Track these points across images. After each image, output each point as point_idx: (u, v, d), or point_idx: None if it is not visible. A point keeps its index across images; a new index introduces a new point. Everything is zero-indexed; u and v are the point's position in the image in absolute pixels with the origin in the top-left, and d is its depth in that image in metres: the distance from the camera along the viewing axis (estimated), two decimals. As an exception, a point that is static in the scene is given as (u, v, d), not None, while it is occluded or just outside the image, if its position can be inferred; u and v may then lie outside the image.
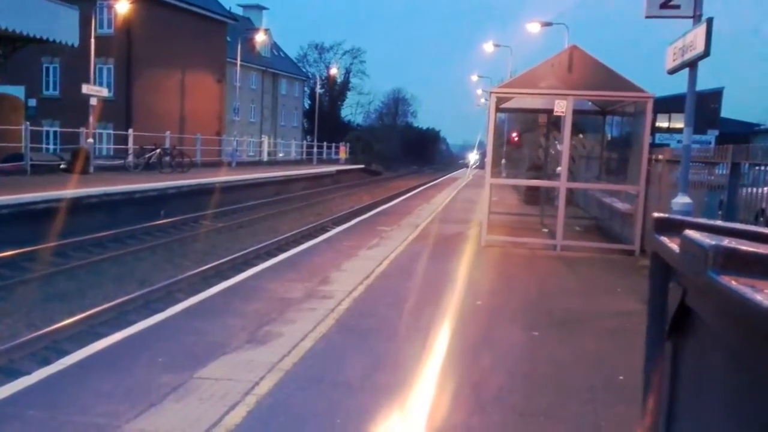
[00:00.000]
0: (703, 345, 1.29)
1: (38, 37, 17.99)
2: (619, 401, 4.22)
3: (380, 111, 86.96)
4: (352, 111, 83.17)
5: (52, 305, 8.89)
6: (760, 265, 1.06)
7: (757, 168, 6.99)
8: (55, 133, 28.39)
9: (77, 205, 14.66)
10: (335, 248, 10.40)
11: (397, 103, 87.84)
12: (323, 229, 15.45)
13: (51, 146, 28.40)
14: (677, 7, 7.56)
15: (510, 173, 22.65)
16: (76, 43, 19.77)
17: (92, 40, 23.49)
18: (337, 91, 76.91)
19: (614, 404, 4.21)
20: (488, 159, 11.55)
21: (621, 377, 4.66)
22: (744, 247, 1.14)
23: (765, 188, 6.80)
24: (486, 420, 3.98)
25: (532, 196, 16.68)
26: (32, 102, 32.56)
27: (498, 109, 11.86)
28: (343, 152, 53.95)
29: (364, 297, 7.01)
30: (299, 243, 12.31)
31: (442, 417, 3.96)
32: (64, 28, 18.84)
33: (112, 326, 7.37)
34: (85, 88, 23.01)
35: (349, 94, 79.91)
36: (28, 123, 21.38)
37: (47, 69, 33.27)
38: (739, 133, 39.59)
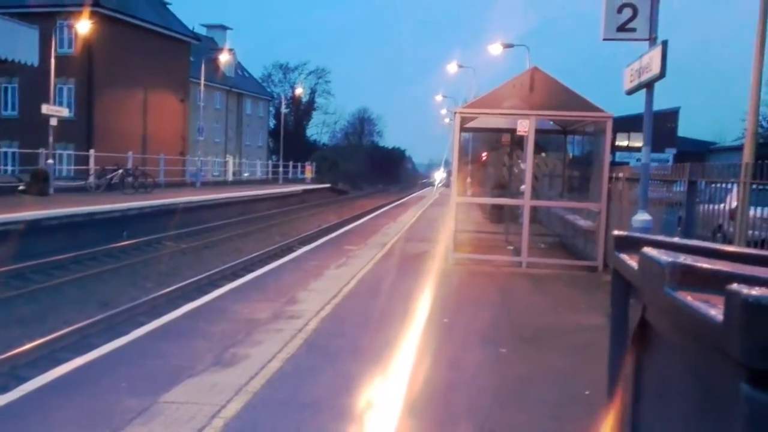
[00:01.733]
0: (664, 358, 1.34)
1: (-4, 56, 17.66)
2: (585, 415, 4.27)
3: (346, 130, 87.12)
4: (317, 130, 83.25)
5: (11, 330, 8.65)
6: (714, 281, 1.11)
7: (713, 185, 7.20)
8: (13, 154, 27.80)
9: (36, 227, 14.34)
10: (302, 268, 10.35)
11: (362, 123, 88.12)
12: (290, 249, 15.37)
13: (9, 167, 27.77)
14: (633, 30, 7.79)
15: (475, 192, 22.86)
16: (36, 63, 19.45)
17: (52, 60, 23.15)
18: (302, 110, 76.87)
19: (581, 418, 4.26)
20: (453, 178, 11.65)
21: (587, 392, 4.72)
22: (699, 264, 1.19)
23: (721, 205, 7.01)
24: (455, 438, 3.99)
25: (497, 214, 16.86)
26: (-10, 122, 31.91)
27: (462, 129, 12.02)
28: (309, 172, 53.82)
29: (332, 317, 6.98)
30: (265, 263, 12.22)
31: (411, 436, 3.96)
32: (24, 47, 18.54)
33: (73, 351, 7.20)
34: (45, 108, 22.63)
35: (314, 113, 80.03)
36: (-15, 144, 20.90)
37: (5, 89, 32.64)
38: (695, 152, 40.65)
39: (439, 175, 59.00)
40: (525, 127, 10.41)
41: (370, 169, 74.30)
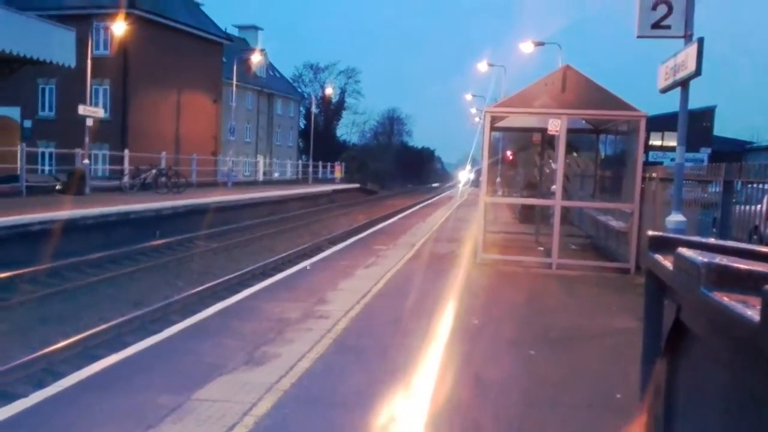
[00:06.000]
0: (698, 360, 1.32)
1: (35, 58, 18.08)
2: (617, 419, 4.22)
3: (375, 130, 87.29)
4: (347, 130, 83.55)
5: (48, 327, 8.84)
6: (751, 282, 1.09)
7: (749, 186, 7.05)
8: (50, 154, 28.39)
9: (73, 226, 14.64)
10: (332, 268, 10.40)
11: (392, 123, 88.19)
12: (319, 249, 15.45)
13: (47, 167, 28.38)
14: (668, 27, 7.66)
15: (505, 192, 22.73)
16: (73, 64, 19.88)
17: (88, 61, 23.60)
18: (332, 110, 77.23)
19: (612, 421, 4.20)
20: (483, 178, 11.59)
21: (618, 395, 4.66)
22: (735, 264, 1.17)
23: (758, 206, 6.86)
24: (484, 439, 3.97)
25: (527, 214, 16.73)
26: (28, 123, 32.63)
27: (492, 128, 11.95)
28: (338, 171, 54.06)
29: (361, 317, 7.01)
30: (295, 263, 12.30)
31: (440, 436, 3.95)
32: (61, 49, 18.95)
33: (108, 348, 7.34)
34: (81, 109, 23.08)
35: (344, 113, 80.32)
36: (23, 144, 21.40)
37: (43, 90, 33.36)
38: (731, 151, 39.84)
39: (464, 175, 57.99)
40: (556, 126, 10.32)
41: (399, 169, 74.35)
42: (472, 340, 6.19)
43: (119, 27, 27.48)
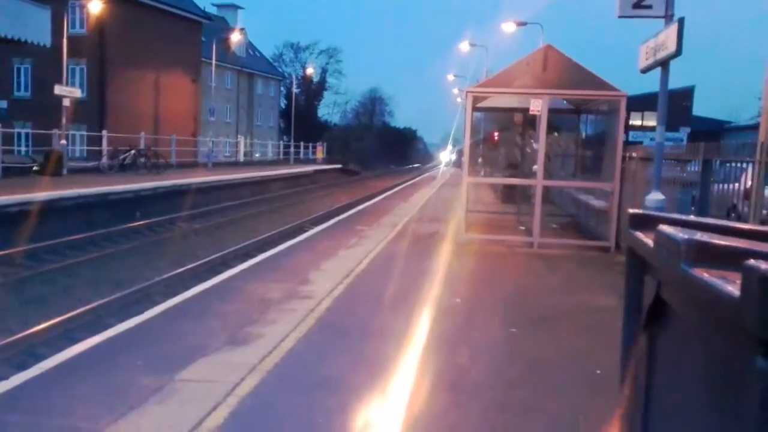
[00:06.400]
0: (678, 335, 1.34)
1: (9, 37, 17.69)
2: (597, 395, 4.29)
3: (357, 110, 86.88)
4: (328, 111, 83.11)
5: (27, 309, 8.77)
6: (730, 258, 1.10)
7: (727, 165, 7.14)
8: (27, 135, 27.93)
9: (51, 207, 14.47)
10: (314, 248, 10.39)
11: (373, 103, 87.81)
12: (302, 230, 15.42)
13: (23, 148, 27.94)
14: (649, 7, 7.69)
15: (487, 172, 22.79)
16: (48, 44, 19.49)
17: (64, 40, 23.19)
18: (313, 90, 76.69)
19: (593, 398, 4.27)
20: (465, 158, 11.61)
21: (599, 371, 4.73)
22: (715, 241, 1.18)
23: (736, 184, 6.95)
24: (464, 414, 4.02)
25: (509, 194, 16.81)
26: (3, 104, 31.99)
27: (474, 108, 11.95)
28: (320, 152, 53.84)
29: (345, 296, 7.02)
30: (278, 244, 12.26)
31: (420, 413, 3.99)
32: (36, 28, 18.56)
33: (89, 330, 7.28)
34: (58, 89, 22.70)
35: (325, 93, 79.83)
36: (-1, 125, 21.03)
37: (18, 70, 32.72)
38: (710, 131, 40.20)
39: (445, 156, 57.65)
40: (538, 106, 10.34)
41: (382, 149, 74.12)
42: (455, 319, 6.23)
43: (95, 5, 26.96)
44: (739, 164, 6.94)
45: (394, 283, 7.68)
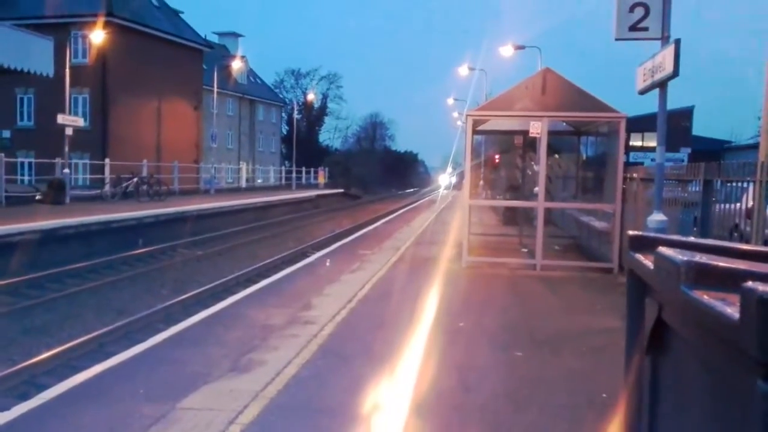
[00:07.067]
0: (680, 358, 1.33)
1: (12, 68, 17.85)
2: (602, 419, 4.24)
3: (358, 135, 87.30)
4: (330, 136, 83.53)
5: (29, 338, 8.74)
6: (730, 279, 1.10)
7: (729, 184, 7.14)
8: (30, 164, 28.06)
9: (53, 236, 14.49)
10: (316, 273, 10.38)
11: (374, 127, 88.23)
12: (304, 255, 15.40)
13: (26, 177, 28.06)
14: (646, 29, 7.75)
15: (488, 194, 22.82)
16: (51, 73, 19.63)
17: (67, 70, 23.39)
18: (314, 116, 77.14)
19: (598, 422, 4.23)
20: (466, 181, 11.63)
21: (604, 395, 4.69)
22: (714, 262, 1.18)
23: (737, 204, 6.95)
24: (471, 441, 3.98)
25: (511, 216, 16.81)
26: (6, 133, 32.26)
27: (474, 131, 12.00)
28: (321, 177, 53.97)
29: (347, 322, 6.99)
30: (280, 269, 12.25)
31: (427, 440, 3.95)
32: (39, 58, 18.72)
33: (91, 359, 7.26)
34: (61, 118, 22.86)
35: (326, 119, 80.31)
36: (2, 155, 21.14)
37: (21, 100, 33.00)
38: (711, 151, 40.29)
39: (444, 179, 57.28)
40: (537, 128, 10.38)
41: (383, 173, 74.35)
42: (459, 343, 6.20)
43: (97, 35, 27.28)
44: (740, 184, 6.94)
45: (398, 308, 7.65)
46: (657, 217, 7.73)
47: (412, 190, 73.57)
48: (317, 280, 9.64)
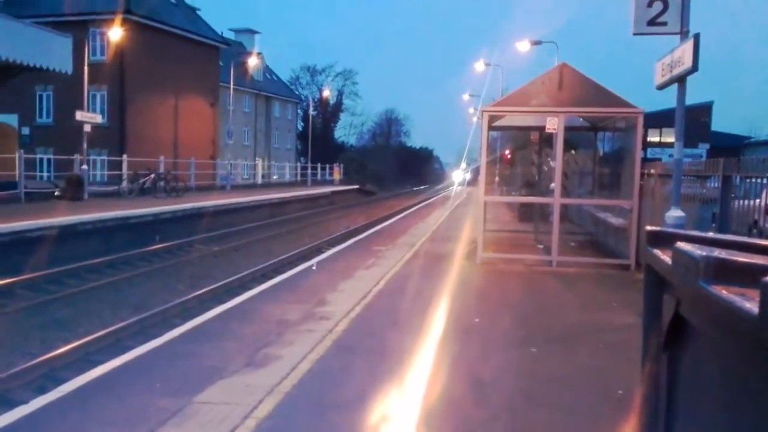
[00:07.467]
0: (699, 354, 1.32)
1: (32, 65, 18.05)
2: (618, 416, 4.22)
3: (373, 131, 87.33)
4: (345, 132, 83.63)
5: (48, 333, 8.84)
6: (749, 274, 1.09)
7: (748, 180, 7.05)
8: (48, 160, 28.37)
9: (71, 231, 14.64)
10: (331, 269, 10.40)
11: (390, 123, 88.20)
12: (319, 251, 15.44)
13: (45, 174, 28.36)
14: (664, 23, 7.67)
15: (503, 190, 22.74)
16: (70, 71, 19.83)
17: (85, 68, 23.60)
18: (330, 112, 77.27)
19: (614, 418, 4.20)
20: (482, 177, 11.59)
21: (620, 391, 4.66)
22: (734, 257, 1.17)
23: (757, 200, 6.86)
24: (486, 438, 3.97)
25: (526, 212, 16.73)
26: (26, 130, 32.62)
27: (490, 127, 11.95)
28: (337, 173, 54.06)
29: (362, 317, 7.00)
30: (295, 265, 12.29)
31: (442, 436, 3.95)
32: (58, 55, 18.91)
33: (108, 353, 7.32)
34: (79, 115, 23.09)
35: (342, 115, 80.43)
36: (22, 151, 21.41)
37: (41, 97, 33.33)
38: (730, 146, 39.81)
39: (458, 175, 56.87)
40: (554, 124, 10.32)
41: (398, 169, 74.32)
42: (474, 339, 6.18)
43: (115, 33, 27.49)
44: (759, 180, 6.85)
45: (412, 304, 7.65)
46: (675, 213, 7.66)
47: (427, 186, 73.47)
48: (332, 275, 9.66)
